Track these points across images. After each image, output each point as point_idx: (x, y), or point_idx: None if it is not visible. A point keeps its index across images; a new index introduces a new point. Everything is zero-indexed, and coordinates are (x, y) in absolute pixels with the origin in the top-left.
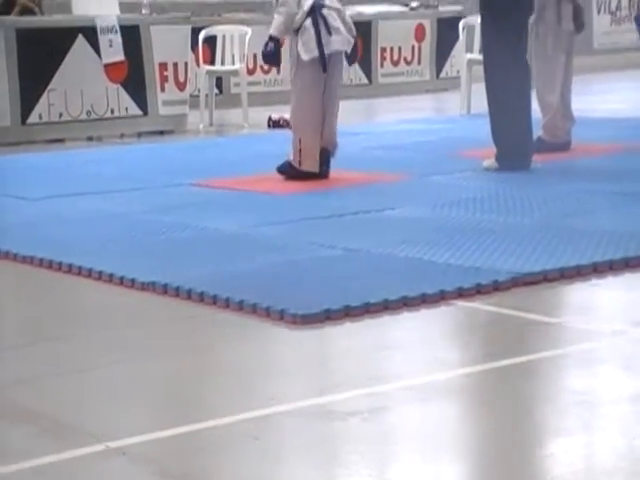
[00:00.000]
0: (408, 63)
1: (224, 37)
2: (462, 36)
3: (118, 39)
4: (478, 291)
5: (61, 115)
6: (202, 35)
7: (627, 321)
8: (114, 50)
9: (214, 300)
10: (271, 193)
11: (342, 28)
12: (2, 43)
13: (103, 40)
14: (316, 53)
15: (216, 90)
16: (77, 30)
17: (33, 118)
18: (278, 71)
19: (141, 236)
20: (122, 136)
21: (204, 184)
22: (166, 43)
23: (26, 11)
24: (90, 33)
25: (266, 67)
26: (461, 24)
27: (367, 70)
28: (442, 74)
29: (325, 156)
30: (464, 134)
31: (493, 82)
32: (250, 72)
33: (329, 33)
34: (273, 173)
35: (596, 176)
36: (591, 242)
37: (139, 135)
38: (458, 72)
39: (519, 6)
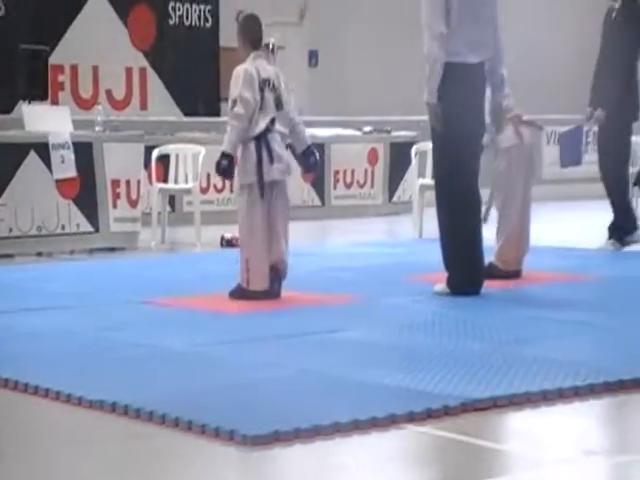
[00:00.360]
0: (361, 186)
1: (177, 156)
2: (414, 161)
3: (70, 155)
4: (429, 415)
5: (11, 230)
6: (155, 153)
7: (577, 450)
8: (66, 166)
9: (163, 419)
10: (222, 312)
11: (284, 155)
12: None
13: (55, 156)
14: (254, 179)
15: (169, 208)
16: (29, 146)
17: None
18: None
19: (91, 354)
20: (72, 252)
21: (155, 302)
22: (119, 160)
23: None
24: (42, 149)
25: (219, 186)
26: (413, 150)
27: (320, 192)
28: (394, 198)
29: (275, 274)
30: (416, 258)
31: (444, 209)
32: (203, 191)
33: (271, 161)
34: (224, 292)
35: (544, 304)
36: (540, 369)
37: (90, 252)
38: (410, 197)
39: (473, 137)
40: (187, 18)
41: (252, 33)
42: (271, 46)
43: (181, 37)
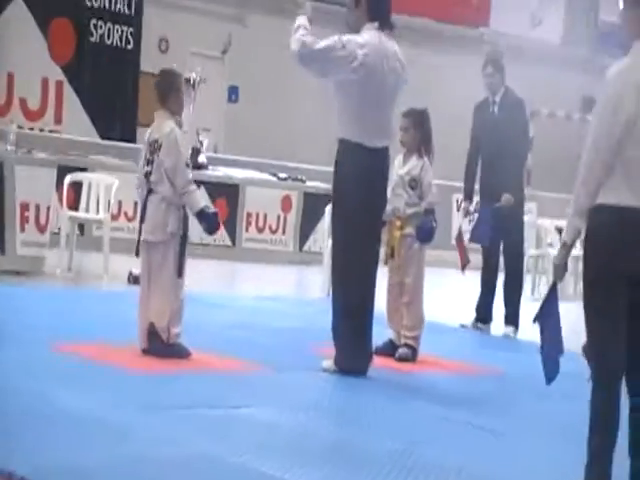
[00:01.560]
0: (273, 232)
1: (90, 184)
2: (327, 218)
3: None
4: None
5: None
6: (68, 179)
7: None
8: None
9: None
10: (129, 371)
11: (157, 217)
12: None
13: None
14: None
15: (78, 231)
16: None
17: None
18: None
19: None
20: None
21: (65, 350)
22: (30, 183)
23: None
24: None
25: (130, 214)
26: (327, 208)
27: (232, 232)
28: (305, 247)
29: (151, 333)
30: (323, 321)
31: (339, 281)
32: (114, 218)
33: (142, 220)
34: (132, 341)
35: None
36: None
37: None
38: (320, 248)
39: (372, 218)
40: (108, 37)
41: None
42: (192, 80)
43: (101, 56)
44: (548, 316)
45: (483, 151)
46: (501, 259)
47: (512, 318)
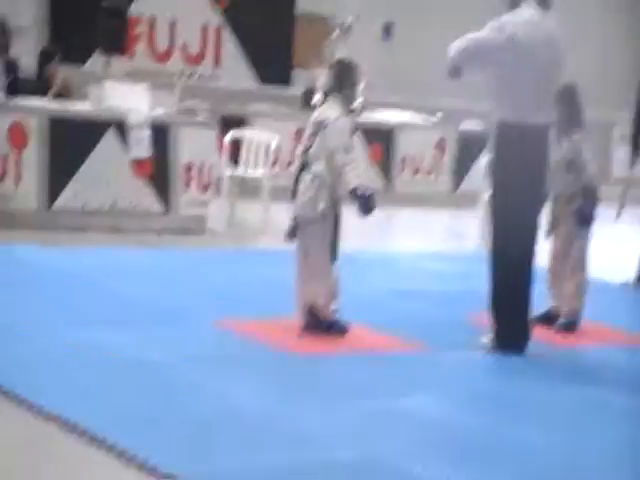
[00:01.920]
0: (428, 173)
1: (250, 142)
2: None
3: (147, 136)
4: None
5: (85, 204)
6: (228, 137)
7: None
8: (142, 146)
9: None
10: (290, 352)
11: (308, 195)
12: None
13: (132, 135)
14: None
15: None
16: (107, 123)
17: (58, 205)
18: None
19: (164, 409)
20: (142, 231)
21: (226, 326)
22: (193, 144)
23: (63, 92)
24: (120, 127)
25: (287, 161)
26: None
27: (387, 175)
28: (459, 190)
29: (308, 312)
30: (479, 285)
31: (496, 271)
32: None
33: (293, 195)
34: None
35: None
36: None
37: (159, 232)
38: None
39: (531, 205)
40: None
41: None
42: (347, 25)
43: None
44: None
45: None
46: None
47: None
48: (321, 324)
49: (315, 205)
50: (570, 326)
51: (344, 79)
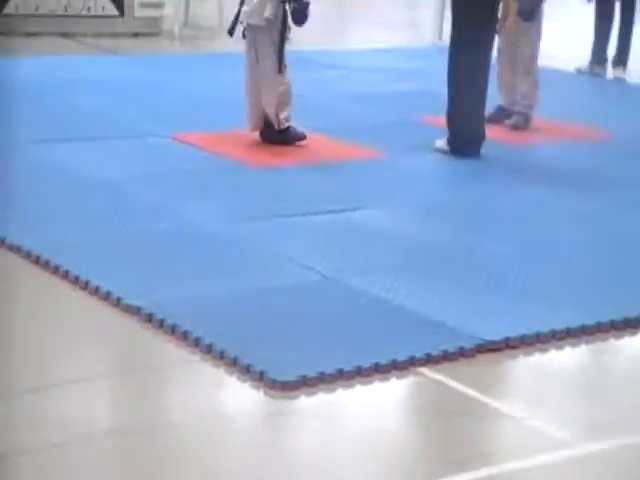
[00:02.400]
0: None
1: None
2: None
3: None
4: (445, 358)
5: (37, 8)
6: None
7: None
8: None
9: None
10: (245, 165)
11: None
12: None
13: None
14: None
15: None
16: None
17: (9, 9)
18: None
19: (116, 225)
20: (97, 36)
21: (183, 139)
22: None
23: None
24: None
25: None
26: None
27: None
28: None
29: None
30: (434, 83)
31: (457, 60)
32: None
33: (242, 1)
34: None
35: (551, 178)
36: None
37: (113, 35)
38: None
39: None
40: None
41: None
42: None
43: None
44: None
45: None
46: None
47: (622, 57)
48: (275, 134)
49: (262, 12)
50: (522, 123)
51: None
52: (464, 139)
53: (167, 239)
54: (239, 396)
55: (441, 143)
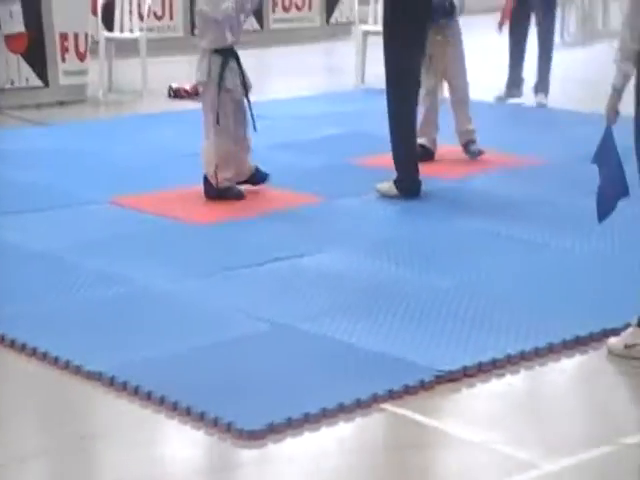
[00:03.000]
0: (299, 9)
1: (122, 2)
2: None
3: (18, 9)
4: (406, 392)
5: None
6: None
7: None
8: (14, 21)
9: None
10: (193, 223)
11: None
12: None
13: (3, 11)
14: None
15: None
16: None
17: None
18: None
19: (62, 293)
20: (22, 107)
21: (121, 203)
22: (67, 13)
23: None
24: None
25: (159, 13)
26: None
27: (259, 17)
28: (332, 20)
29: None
30: (361, 125)
31: (392, 94)
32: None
33: None
34: (188, 182)
35: (495, 210)
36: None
37: (38, 106)
38: (347, 18)
39: (420, 22)
40: None
41: None
42: None
43: None
44: (606, 157)
45: None
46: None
47: (543, 84)
48: (214, 190)
49: (200, 69)
50: (481, 149)
51: None
52: (409, 180)
53: (117, 303)
54: (209, 449)
55: (387, 187)
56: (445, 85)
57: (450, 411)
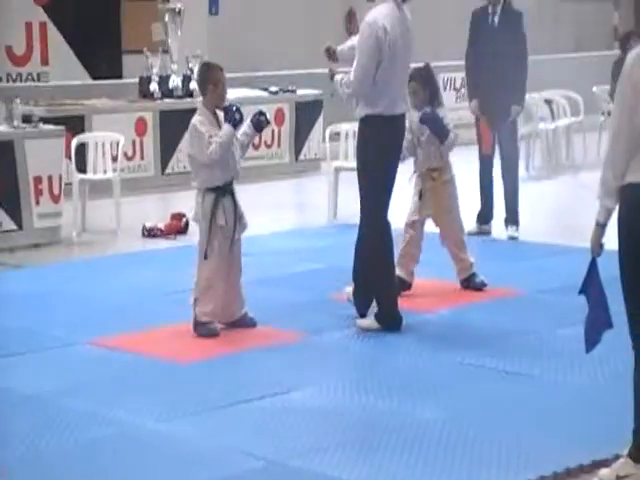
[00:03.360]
0: (268, 146)
1: (96, 144)
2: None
3: None
4: None
5: None
6: (74, 142)
7: None
8: None
9: None
10: (173, 363)
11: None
12: None
13: None
14: None
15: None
16: None
17: None
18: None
19: (53, 437)
20: None
21: (102, 344)
22: (40, 157)
23: None
24: None
25: (129, 154)
26: (327, 131)
27: None
28: (301, 156)
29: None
30: (336, 260)
31: (368, 244)
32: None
33: None
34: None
35: (476, 342)
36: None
37: (11, 250)
38: (316, 155)
39: (393, 177)
40: None
41: None
42: (177, 9)
43: None
44: (591, 288)
45: (482, 61)
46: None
47: (512, 217)
48: (194, 325)
49: (194, 210)
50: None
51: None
52: (389, 315)
53: (110, 444)
54: None
55: (368, 322)
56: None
57: None
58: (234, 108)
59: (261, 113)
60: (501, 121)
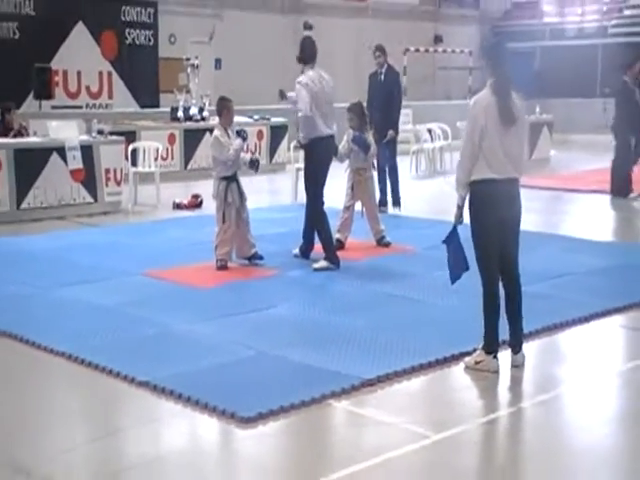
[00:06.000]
0: (252, 153)
1: (144, 149)
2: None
3: (79, 154)
4: (343, 392)
5: (42, 202)
6: (130, 147)
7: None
8: (76, 161)
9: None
10: (198, 287)
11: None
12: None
13: (69, 155)
14: None
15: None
16: (52, 149)
17: (24, 205)
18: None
19: (118, 332)
20: (80, 216)
21: (150, 274)
22: (109, 156)
23: (19, 134)
24: (61, 150)
25: (164, 155)
26: (292, 144)
27: None
28: (274, 160)
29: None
30: (295, 226)
31: (310, 215)
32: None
33: None
34: (194, 262)
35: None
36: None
37: (90, 215)
38: (283, 159)
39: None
40: (137, 39)
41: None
42: (195, 64)
43: (134, 51)
44: (451, 243)
45: (375, 103)
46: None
47: (397, 202)
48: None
49: (213, 190)
50: (388, 242)
51: (219, 108)
52: (335, 256)
53: (153, 338)
54: (215, 430)
55: (322, 264)
56: (359, 204)
57: (370, 403)
58: (243, 130)
59: (242, 133)
60: (383, 140)
